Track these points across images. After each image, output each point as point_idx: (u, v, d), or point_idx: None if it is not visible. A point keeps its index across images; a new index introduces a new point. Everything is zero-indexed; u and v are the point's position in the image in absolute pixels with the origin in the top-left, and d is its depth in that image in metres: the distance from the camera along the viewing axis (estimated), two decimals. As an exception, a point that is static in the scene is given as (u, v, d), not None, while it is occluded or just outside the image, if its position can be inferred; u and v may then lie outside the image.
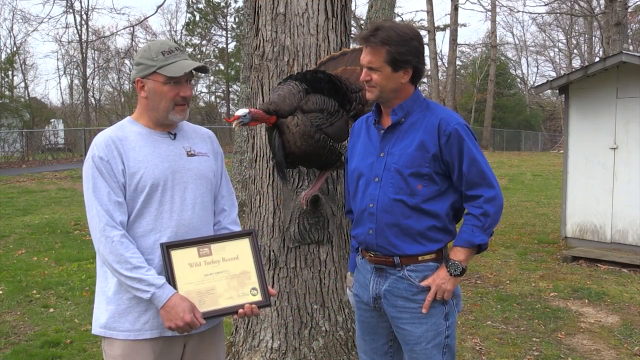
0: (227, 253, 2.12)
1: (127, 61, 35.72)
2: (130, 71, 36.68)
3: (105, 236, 1.96)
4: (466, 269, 2.19)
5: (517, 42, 44.78)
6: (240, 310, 2.06)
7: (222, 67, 36.32)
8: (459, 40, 33.61)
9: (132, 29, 30.77)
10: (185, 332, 2.01)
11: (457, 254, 2.17)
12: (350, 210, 2.40)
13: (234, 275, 2.11)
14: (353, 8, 26.45)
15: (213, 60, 36.91)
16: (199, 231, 2.12)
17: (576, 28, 37.74)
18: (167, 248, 2.03)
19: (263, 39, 3.30)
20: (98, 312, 2.10)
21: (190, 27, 35.86)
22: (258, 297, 2.12)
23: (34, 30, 59.68)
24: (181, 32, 37.24)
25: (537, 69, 52.70)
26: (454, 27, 27.96)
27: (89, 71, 33.69)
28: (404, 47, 2.12)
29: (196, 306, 2.00)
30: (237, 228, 2.28)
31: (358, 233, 2.29)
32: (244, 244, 2.16)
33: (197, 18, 35.69)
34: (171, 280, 2.01)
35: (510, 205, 11.61)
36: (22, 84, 31.64)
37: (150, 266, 1.99)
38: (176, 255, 2.03)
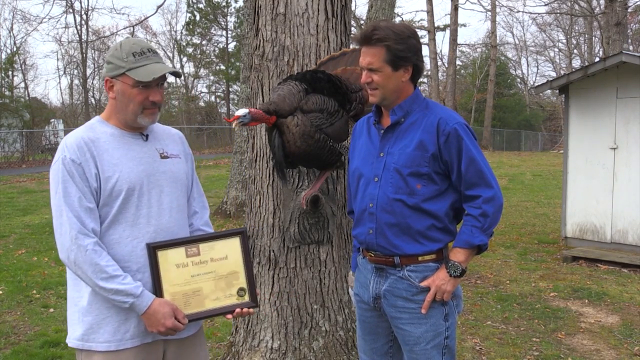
0: (216, 253, 2.08)
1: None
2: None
3: (77, 245, 1.87)
4: (466, 270, 2.19)
5: (517, 42, 44.88)
6: (237, 311, 2.07)
7: (222, 67, 36.32)
8: (459, 40, 33.62)
9: (132, 29, 30.84)
10: (170, 336, 1.99)
11: (457, 255, 2.17)
12: (352, 211, 2.40)
13: (221, 276, 2.07)
14: (353, 8, 26.45)
15: (213, 60, 36.91)
16: (177, 235, 2.06)
17: (576, 28, 37.75)
18: (154, 249, 1.97)
19: (263, 39, 3.30)
20: (72, 323, 2.00)
21: (190, 27, 35.89)
22: (245, 299, 2.10)
23: (33, 30, 59.74)
24: (181, 32, 37.30)
25: (537, 69, 52.79)
26: (454, 27, 27.95)
27: (89, 71, 33.73)
28: (402, 45, 2.11)
29: (180, 308, 1.97)
30: (210, 229, 2.24)
31: (358, 233, 2.29)
32: (234, 244, 2.12)
33: (197, 18, 35.73)
34: (156, 282, 1.97)
35: (510, 205, 11.60)
36: (22, 84, 31.67)
37: (126, 273, 1.93)
38: (162, 256, 1.98)
